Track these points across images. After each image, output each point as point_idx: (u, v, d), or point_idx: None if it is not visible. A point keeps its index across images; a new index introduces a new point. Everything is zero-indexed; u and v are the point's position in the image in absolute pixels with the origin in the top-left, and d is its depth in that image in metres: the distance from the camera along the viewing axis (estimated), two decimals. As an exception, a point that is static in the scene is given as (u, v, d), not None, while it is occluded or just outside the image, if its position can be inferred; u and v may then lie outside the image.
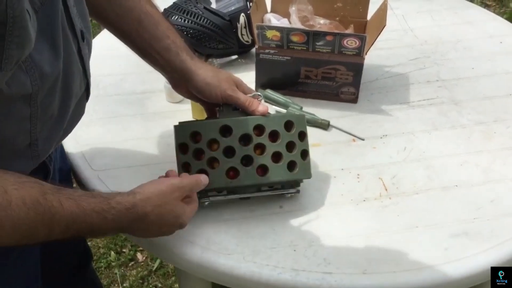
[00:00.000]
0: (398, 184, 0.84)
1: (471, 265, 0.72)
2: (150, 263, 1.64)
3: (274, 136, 0.77)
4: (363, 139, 0.93)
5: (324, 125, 0.95)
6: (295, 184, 0.79)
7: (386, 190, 0.83)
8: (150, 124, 0.96)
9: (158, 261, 1.63)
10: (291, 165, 0.77)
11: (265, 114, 0.78)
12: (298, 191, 0.79)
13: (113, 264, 1.63)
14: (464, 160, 0.89)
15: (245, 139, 0.76)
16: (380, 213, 0.79)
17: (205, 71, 0.80)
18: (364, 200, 0.81)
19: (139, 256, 1.66)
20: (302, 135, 0.79)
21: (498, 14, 2.12)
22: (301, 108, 0.97)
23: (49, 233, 0.58)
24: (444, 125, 0.96)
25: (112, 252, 1.65)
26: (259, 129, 0.76)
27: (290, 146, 0.77)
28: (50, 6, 0.58)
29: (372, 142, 0.93)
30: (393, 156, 0.90)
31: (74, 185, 0.91)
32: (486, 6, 2.93)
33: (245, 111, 0.79)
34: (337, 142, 0.93)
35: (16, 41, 0.50)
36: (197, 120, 0.88)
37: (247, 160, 0.75)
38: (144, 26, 0.79)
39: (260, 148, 0.76)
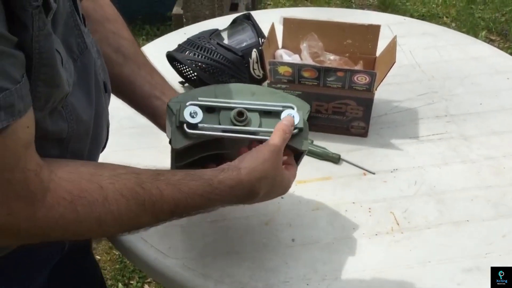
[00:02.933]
0: (409, 219, 0.85)
1: (485, 301, 0.72)
2: (157, 295, 1.63)
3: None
4: (373, 173, 0.94)
5: (335, 159, 0.96)
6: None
7: (398, 224, 0.84)
8: (164, 157, 0.97)
9: (165, 294, 1.62)
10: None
11: None
12: (306, 132, 0.72)
13: (120, 296, 1.62)
14: (474, 195, 0.89)
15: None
16: (393, 248, 0.80)
17: None
18: (376, 234, 0.82)
19: (147, 288, 1.65)
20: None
21: (503, 49, 2.16)
22: (312, 141, 0.99)
23: (156, 219, 0.59)
24: (453, 160, 0.97)
25: (120, 284, 1.65)
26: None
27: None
28: (86, 56, 0.60)
29: (382, 176, 0.94)
30: (404, 190, 0.90)
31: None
32: (490, 41, 2.98)
33: None
34: (348, 176, 0.94)
35: (43, 79, 0.50)
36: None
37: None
38: (155, 77, 0.82)
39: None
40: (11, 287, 0.68)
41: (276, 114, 0.72)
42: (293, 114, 0.71)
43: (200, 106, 0.69)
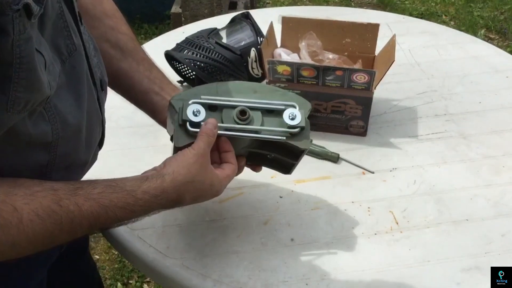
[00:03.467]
0: (408, 218, 0.84)
1: (484, 300, 0.72)
2: (156, 294, 1.63)
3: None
4: (373, 172, 0.94)
5: (334, 158, 0.96)
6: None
7: (397, 223, 0.83)
8: (162, 156, 0.96)
9: (164, 293, 1.62)
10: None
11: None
12: (307, 131, 0.73)
13: (119, 295, 1.62)
14: (474, 194, 0.89)
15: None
16: (392, 247, 0.79)
17: None
18: (375, 234, 0.82)
19: (146, 287, 1.65)
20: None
21: (502, 47, 2.16)
22: (311, 140, 0.98)
23: (72, 236, 0.57)
24: (453, 159, 0.97)
25: (119, 284, 1.64)
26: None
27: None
28: (75, 58, 0.59)
29: (382, 175, 0.93)
30: (403, 190, 0.90)
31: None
32: (489, 39, 2.98)
33: None
34: (347, 175, 0.93)
35: (23, 84, 0.48)
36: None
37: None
38: (155, 71, 0.82)
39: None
40: (12, 287, 0.68)
41: (278, 113, 0.72)
42: (295, 113, 0.71)
43: (203, 104, 0.69)
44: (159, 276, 0.76)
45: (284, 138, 0.72)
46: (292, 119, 0.71)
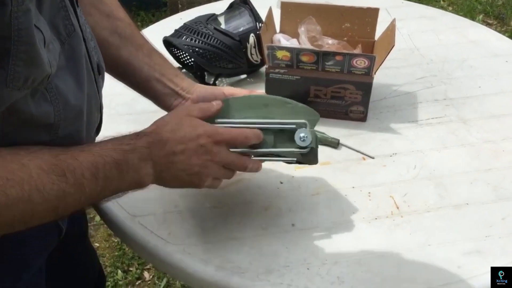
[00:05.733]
0: (409, 202, 0.85)
1: (484, 283, 0.72)
2: (157, 281, 1.64)
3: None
4: (373, 157, 0.94)
5: (334, 144, 0.96)
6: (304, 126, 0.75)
7: (398, 208, 0.84)
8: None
9: (165, 280, 1.63)
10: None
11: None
12: (315, 147, 0.75)
13: (120, 283, 1.62)
14: (474, 178, 0.89)
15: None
16: (393, 232, 0.80)
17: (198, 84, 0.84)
18: (376, 218, 0.82)
19: (146, 274, 1.66)
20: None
21: (500, 32, 2.15)
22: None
23: (81, 190, 0.57)
24: (453, 143, 0.97)
25: (119, 271, 1.65)
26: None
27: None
28: (74, 39, 0.59)
29: (382, 160, 0.93)
30: (403, 174, 0.90)
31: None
32: (487, 24, 2.97)
33: None
34: (347, 160, 0.93)
35: (22, 58, 0.48)
36: None
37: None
38: (154, 58, 0.82)
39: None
40: (8, 274, 0.68)
41: (289, 131, 0.74)
42: (306, 134, 0.74)
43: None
44: (160, 262, 0.77)
45: (295, 159, 0.76)
46: (303, 140, 0.74)
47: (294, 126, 0.74)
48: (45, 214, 0.56)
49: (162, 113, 1.03)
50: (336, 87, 0.99)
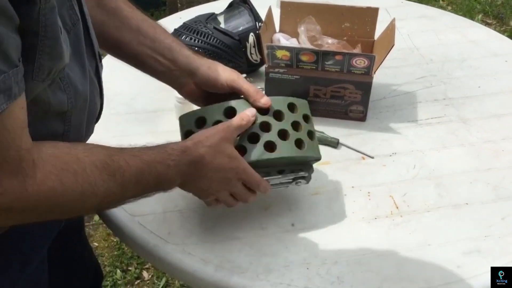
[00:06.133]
0: (409, 202, 0.85)
1: (484, 283, 0.73)
2: (156, 281, 1.63)
3: (278, 115, 0.75)
4: (372, 157, 0.94)
5: (334, 143, 0.96)
6: (306, 168, 0.78)
7: (397, 208, 0.84)
8: (161, 143, 0.96)
9: (164, 279, 1.62)
10: (299, 143, 0.74)
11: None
12: (309, 176, 0.79)
13: (119, 282, 1.62)
14: (474, 178, 0.89)
15: None
16: (392, 231, 0.80)
17: (207, 62, 0.81)
18: (375, 218, 0.82)
19: (145, 274, 1.65)
20: (306, 118, 0.77)
21: (499, 32, 2.15)
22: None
23: (123, 192, 0.62)
24: (452, 143, 0.97)
25: (118, 270, 1.65)
26: (263, 109, 0.74)
27: (295, 126, 0.75)
28: (78, 28, 0.61)
29: (381, 160, 0.93)
30: (403, 174, 0.90)
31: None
32: (486, 24, 2.97)
33: (247, 100, 0.76)
34: (347, 160, 0.93)
35: (48, 51, 0.51)
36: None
37: (253, 138, 0.73)
38: (144, 31, 0.79)
39: (266, 126, 0.74)
40: (10, 266, 0.68)
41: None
42: (305, 181, 0.79)
43: None
44: (160, 262, 0.77)
45: (288, 186, 0.80)
46: (298, 183, 0.79)
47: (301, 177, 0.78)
48: (89, 207, 0.61)
49: (162, 113, 1.03)
50: (336, 86, 0.99)
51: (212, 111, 0.74)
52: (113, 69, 1.05)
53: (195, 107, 0.95)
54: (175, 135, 0.97)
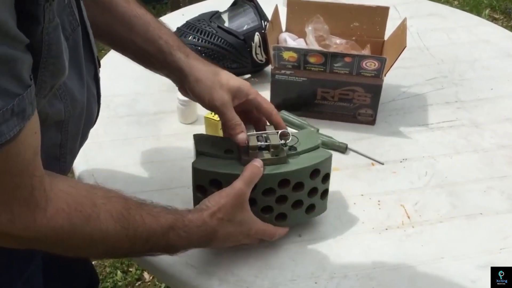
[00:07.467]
0: (420, 212, 0.81)
1: (500, 299, 0.70)
2: (157, 283, 1.61)
3: (298, 186, 0.73)
4: (382, 163, 0.90)
5: (342, 149, 0.92)
6: None
7: (409, 218, 0.80)
8: (163, 147, 0.94)
9: (165, 281, 1.60)
10: (310, 208, 0.75)
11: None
12: None
13: (119, 284, 1.59)
14: (487, 186, 0.86)
15: (268, 190, 0.72)
16: (404, 243, 0.76)
17: (198, 71, 0.75)
18: (386, 229, 0.79)
19: (146, 275, 1.63)
20: (326, 177, 0.75)
21: (506, 27, 2.11)
22: (318, 130, 0.95)
23: (131, 247, 0.61)
24: (465, 149, 0.94)
25: (119, 272, 1.62)
26: (284, 181, 0.72)
27: (312, 192, 0.74)
28: (77, 33, 0.59)
29: (392, 166, 0.90)
30: (414, 182, 0.87)
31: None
32: (494, 19, 2.92)
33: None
34: (356, 166, 0.90)
35: (50, 69, 0.50)
36: (217, 157, 0.74)
37: (267, 210, 0.73)
38: (136, 30, 0.75)
39: (282, 198, 0.73)
40: (9, 272, 0.67)
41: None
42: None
43: None
44: (163, 274, 0.74)
45: None
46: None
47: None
48: (96, 253, 0.61)
49: (164, 115, 1.00)
50: (344, 89, 0.96)
51: (230, 178, 0.70)
52: (113, 69, 1.01)
53: (198, 108, 0.92)
54: (177, 140, 0.94)
